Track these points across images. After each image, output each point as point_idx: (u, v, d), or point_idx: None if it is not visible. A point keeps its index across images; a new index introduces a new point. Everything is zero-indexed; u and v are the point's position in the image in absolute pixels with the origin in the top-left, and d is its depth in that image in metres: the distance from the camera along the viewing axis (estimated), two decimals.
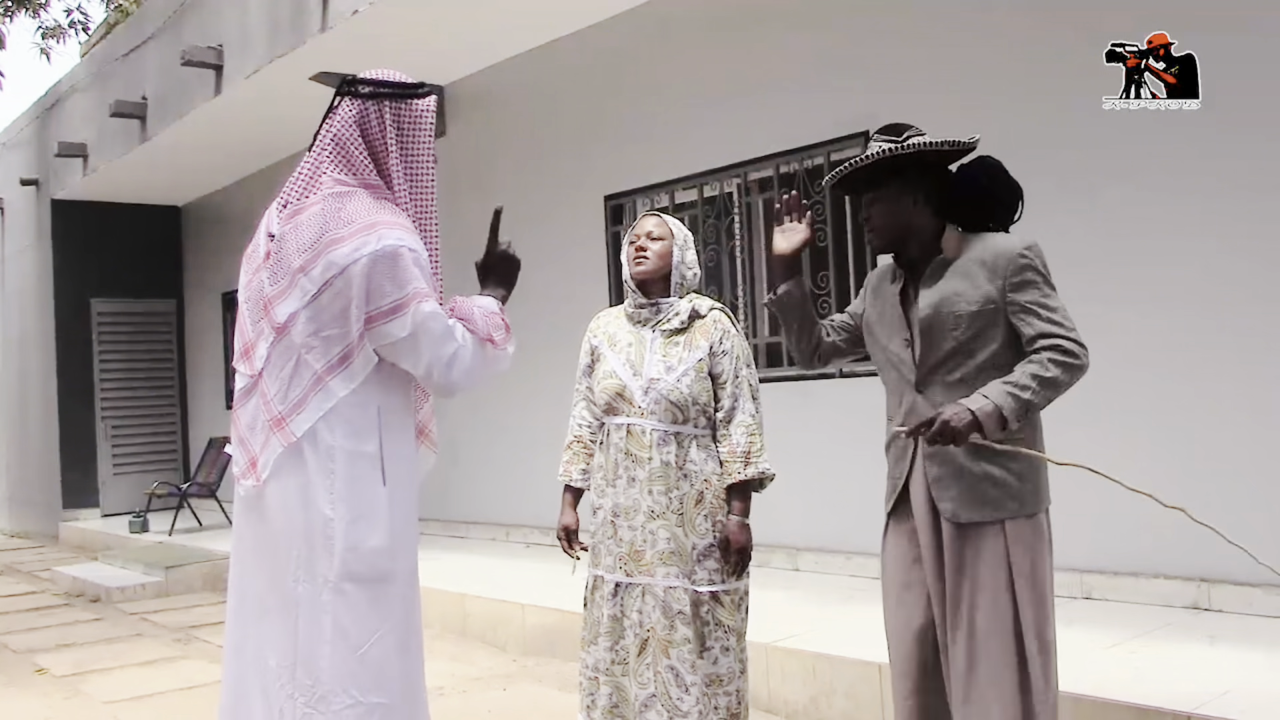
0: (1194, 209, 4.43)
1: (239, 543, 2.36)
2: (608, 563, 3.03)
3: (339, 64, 7.44)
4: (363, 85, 2.35)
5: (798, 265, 2.81)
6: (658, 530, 2.95)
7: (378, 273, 2.18)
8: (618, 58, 7.00)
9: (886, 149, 2.50)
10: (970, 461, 2.44)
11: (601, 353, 3.13)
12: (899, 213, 2.56)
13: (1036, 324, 2.42)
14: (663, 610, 2.93)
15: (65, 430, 11.77)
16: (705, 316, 3.06)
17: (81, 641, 6.15)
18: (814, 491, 5.59)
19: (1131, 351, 4.59)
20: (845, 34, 5.67)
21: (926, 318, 2.51)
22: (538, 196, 7.53)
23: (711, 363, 3.00)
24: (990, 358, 2.46)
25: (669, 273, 3.06)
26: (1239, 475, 4.28)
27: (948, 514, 2.47)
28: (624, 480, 2.99)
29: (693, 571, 2.95)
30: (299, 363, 2.24)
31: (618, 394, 3.02)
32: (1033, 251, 2.49)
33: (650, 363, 3.01)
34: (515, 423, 7.60)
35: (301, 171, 2.37)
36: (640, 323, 3.09)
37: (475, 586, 5.94)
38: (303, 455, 2.22)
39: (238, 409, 2.36)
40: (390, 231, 2.21)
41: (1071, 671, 3.55)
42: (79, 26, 14.33)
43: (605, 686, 3.00)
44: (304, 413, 2.23)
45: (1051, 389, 2.37)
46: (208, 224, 12.17)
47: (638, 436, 2.98)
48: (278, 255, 2.31)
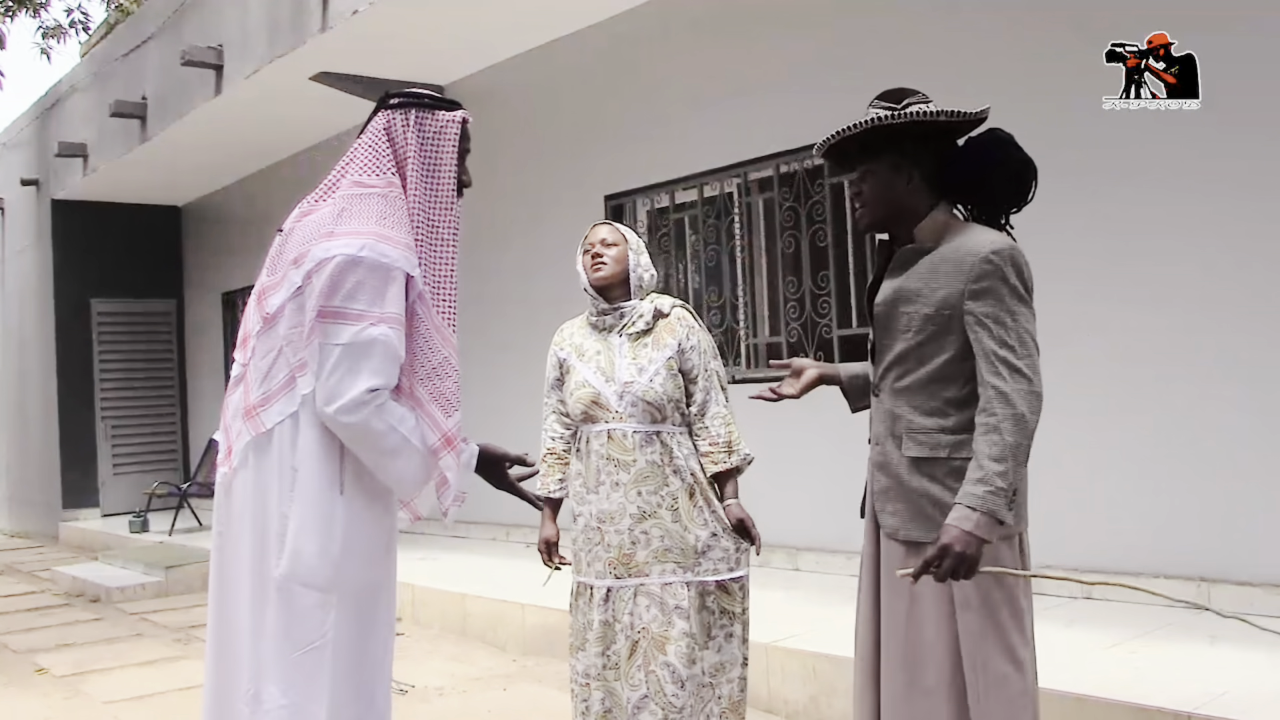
0: (1194, 209, 4.43)
1: (215, 531, 2.36)
2: (597, 569, 3.03)
3: (339, 64, 7.47)
4: (395, 97, 2.35)
5: (828, 379, 2.60)
6: (650, 530, 2.95)
7: (348, 276, 2.14)
8: (618, 58, 7.00)
9: (881, 116, 2.25)
10: (911, 477, 2.27)
11: (570, 364, 3.14)
12: (891, 189, 2.31)
13: (987, 343, 2.15)
14: (659, 608, 2.93)
15: (65, 430, 11.77)
16: (669, 315, 3.09)
17: (81, 641, 6.14)
18: (815, 491, 5.59)
19: (1131, 351, 4.59)
20: (845, 34, 5.68)
21: (880, 314, 2.34)
22: (538, 196, 7.53)
23: (681, 360, 3.04)
24: (942, 367, 2.24)
25: (627, 277, 3.11)
26: (1240, 475, 4.28)
27: (888, 530, 2.31)
28: (607, 486, 3.00)
29: (696, 564, 2.96)
30: (279, 355, 2.24)
31: (593, 402, 3.03)
32: (1001, 256, 2.18)
33: (621, 367, 3.03)
34: (514, 422, 7.59)
35: (326, 180, 2.37)
36: (605, 330, 3.12)
37: (475, 586, 5.94)
38: (270, 450, 2.22)
39: (228, 396, 2.37)
40: (380, 244, 2.17)
41: (1071, 671, 3.56)
42: (79, 26, 14.32)
43: (597, 692, 3.00)
44: (275, 405, 2.22)
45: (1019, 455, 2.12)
46: (208, 224, 12.17)
47: (619, 440, 2.99)
48: (280, 248, 2.32)
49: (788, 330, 6.10)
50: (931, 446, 2.26)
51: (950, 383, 2.25)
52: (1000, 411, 2.12)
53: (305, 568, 2.19)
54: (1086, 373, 4.70)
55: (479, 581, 6.09)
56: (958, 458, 2.23)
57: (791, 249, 6.11)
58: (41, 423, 12.23)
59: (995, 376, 2.15)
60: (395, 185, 2.28)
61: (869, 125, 2.27)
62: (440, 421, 2.23)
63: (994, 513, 2.09)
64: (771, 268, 6.30)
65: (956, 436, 2.24)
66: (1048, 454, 4.51)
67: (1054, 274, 4.77)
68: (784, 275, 6.17)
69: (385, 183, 2.27)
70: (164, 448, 12.43)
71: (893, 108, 2.28)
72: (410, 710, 4.41)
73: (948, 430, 2.25)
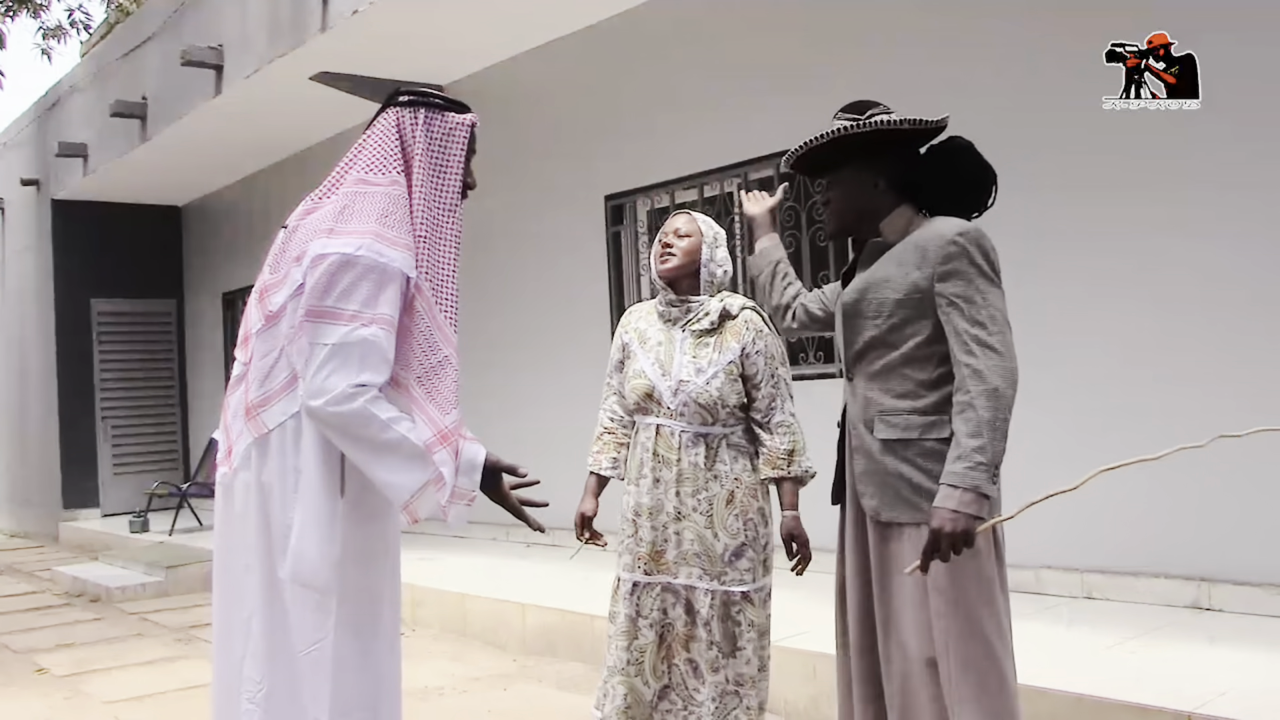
0: (1194, 209, 4.43)
1: (216, 531, 2.36)
2: (626, 561, 3.02)
3: (339, 64, 7.47)
4: (406, 95, 2.34)
5: (769, 224, 2.83)
6: (683, 531, 2.94)
7: (343, 275, 2.13)
8: (618, 58, 7.00)
9: (844, 127, 2.36)
10: (886, 460, 2.33)
11: (632, 350, 3.09)
12: (857, 196, 2.42)
13: (958, 322, 2.22)
14: (685, 608, 2.93)
15: (65, 430, 11.77)
16: (737, 317, 3.00)
17: (82, 641, 6.14)
18: (815, 491, 5.58)
19: (1131, 351, 4.59)
20: (845, 34, 5.68)
21: (849, 304, 2.41)
22: (538, 196, 7.53)
23: (744, 365, 2.96)
24: (914, 349, 2.30)
25: (698, 269, 3.01)
26: (1240, 475, 4.28)
27: (870, 511, 2.37)
28: (649, 480, 2.98)
29: (723, 573, 2.93)
30: (281, 355, 2.22)
31: (646, 394, 2.99)
32: (966, 238, 2.26)
33: (679, 364, 2.97)
34: (515, 422, 7.60)
35: (331, 175, 2.36)
36: (670, 321, 3.05)
37: (475, 586, 5.94)
38: (269, 451, 2.21)
39: (229, 396, 2.35)
40: (378, 244, 2.16)
41: (1071, 671, 3.56)
42: (79, 26, 14.32)
43: (621, 686, 2.98)
44: (276, 405, 2.21)
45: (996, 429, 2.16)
46: (208, 224, 12.17)
47: (666, 438, 2.96)
48: (284, 245, 2.31)
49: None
50: (904, 428, 2.31)
51: (922, 365, 2.31)
52: (973, 389, 2.18)
53: (307, 569, 2.18)
54: (1086, 373, 4.70)
55: (479, 581, 6.09)
56: (929, 439, 2.29)
57: (792, 249, 6.11)
58: (41, 423, 12.22)
59: (967, 355, 2.21)
60: (400, 184, 2.26)
61: (833, 136, 2.37)
62: (436, 419, 2.20)
63: (977, 487, 2.14)
64: None
65: (928, 418, 2.30)
66: (1048, 454, 4.53)
67: (1054, 275, 4.79)
68: None
69: (390, 180, 2.25)
70: (164, 448, 12.43)
71: (856, 118, 2.38)
72: (410, 710, 4.40)
73: (919, 411, 2.31)
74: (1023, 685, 3.30)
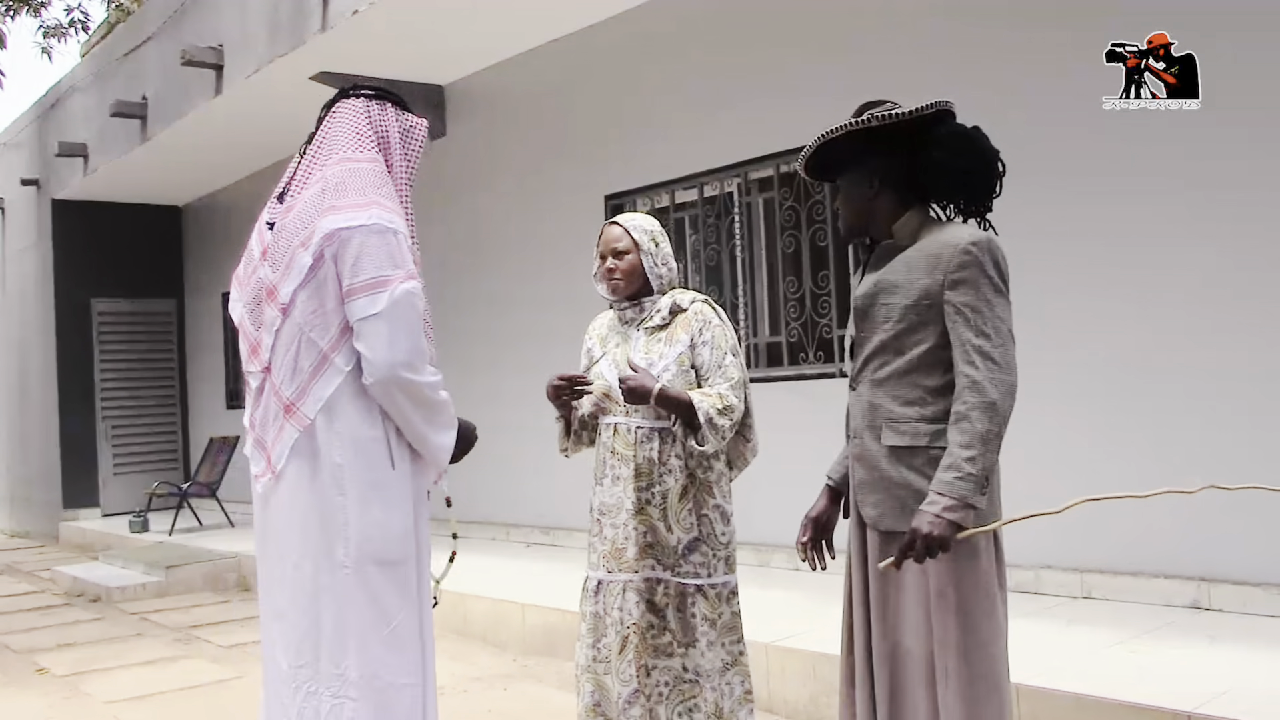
0: (1194, 209, 4.43)
1: (259, 544, 2.39)
2: (591, 559, 3.06)
3: (339, 64, 7.47)
4: (367, 88, 2.45)
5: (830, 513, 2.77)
6: (640, 525, 2.96)
7: (368, 246, 2.22)
8: (618, 58, 7.00)
9: (828, 130, 2.37)
10: (891, 468, 2.31)
11: (595, 355, 3.16)
12: (858, 198, 2.41)
13: (963, 331, 2.21)
14: (647, 605, 2.94)
15: (65, 430, 11.78)
16: (687, 310, 3.05)
17: (82, 641, 6.15)
18: (815, 491, 5.58)
19: (1130, 352, 4.59)
20: (845, 34, 5.68)
21: (859, 308, 2.39)
22: (538, 196, 7.53)
23: (693, 355, 2.99)
24: (921, 357, 2.28)
25: (645, 277, 3.06)
26: (1239, 475, 4.27)
27: (870, 520, 2.37)
28: (609, 479, 3.01)
29: (677, 565, 2.95)
30: (304, 343, 2.26)
31: (604, 395, 3.05)
32: (980, 248, 2.23)
33: (632, 361, 3.02)
34: (515, 422, 7.60)
35: (301, 166, 2.38)
36: (627, 323, 3.11)
37: (475, 586, 5.94)
38: (314, 442, 2.25)
39: (252, 412, 2.38)
40: (384, 213, 2.26)
41: (1071, 671, 3.57)
42: (79, 26, 14.32)
43: (588, 684, 3.01)
44: (313, 393, 2.25)
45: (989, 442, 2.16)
46: (208, 224, 12.17)
47: (623, 434, 3.00)
48: (277, 241, 2.32)
49: (788, 330, 6.10)
50: (911, 435, 2.29)
51: (929, 372, 2.28)
52: (970, 400, 2.18)
53: (379, 545, 2.25)
54: (1086, 373, 4.70)
55: (479, 581, 6.09)
56: (936, 447, 2.26)
57: (792, 249, 6.11)
58: (41, 422, 12.23)
59: (969, 365, 2.20)
60: (380, 162, 2.36)
61: (826, 139, 2.39)
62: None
63: (964, 498, 2.15)
64: (772, 268, 6.31)
65: (936, 425, 2.27)
66: (1048, 454, 4.53)
67: (1054, 275, 4.79)
68: (784, 275, 6.18)
69: (371, 158, 2.34)
70: (164, 448, 12.44)
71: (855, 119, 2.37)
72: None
73: (927, 419, 2.28)
74: (1023, 685, 3.31)
